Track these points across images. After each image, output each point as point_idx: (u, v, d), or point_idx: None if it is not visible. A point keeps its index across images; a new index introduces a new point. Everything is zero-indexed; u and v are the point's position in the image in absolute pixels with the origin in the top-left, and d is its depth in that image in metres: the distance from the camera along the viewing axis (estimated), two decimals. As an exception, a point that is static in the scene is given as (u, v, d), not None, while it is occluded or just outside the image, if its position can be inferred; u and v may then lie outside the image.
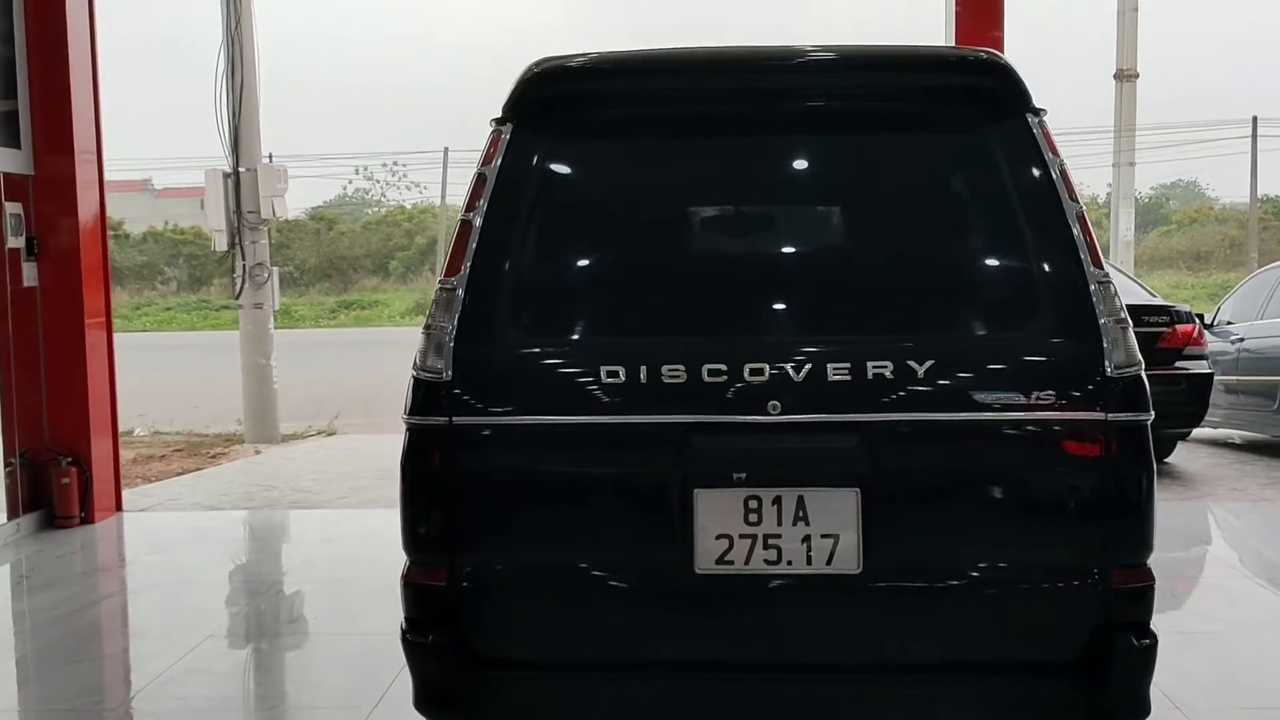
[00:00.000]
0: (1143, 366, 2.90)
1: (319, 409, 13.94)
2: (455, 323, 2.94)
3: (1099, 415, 2.83)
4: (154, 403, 14.91)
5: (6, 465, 7.28)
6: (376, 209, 58.09)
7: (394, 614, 5.30)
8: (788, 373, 2.83)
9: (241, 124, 12.23)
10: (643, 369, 2.85)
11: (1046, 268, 2.90)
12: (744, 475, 2.84)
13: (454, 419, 2.91)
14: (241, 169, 12.25)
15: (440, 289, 2.99)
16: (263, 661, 5.13)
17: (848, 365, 2.82)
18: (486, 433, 2.93)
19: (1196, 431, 10.80)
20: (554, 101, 3.11)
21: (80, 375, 7.54)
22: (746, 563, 2.84)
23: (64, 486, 7.41)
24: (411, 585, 2.99)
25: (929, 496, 2.90)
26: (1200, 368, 9.44)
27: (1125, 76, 30.79)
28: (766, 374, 2.83)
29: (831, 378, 2.82)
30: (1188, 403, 9.27)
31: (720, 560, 2.84)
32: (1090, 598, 2.85)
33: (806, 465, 2.85)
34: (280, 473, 9.99)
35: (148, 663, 4.92)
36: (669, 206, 3.16)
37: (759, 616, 2.91)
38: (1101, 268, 2.90)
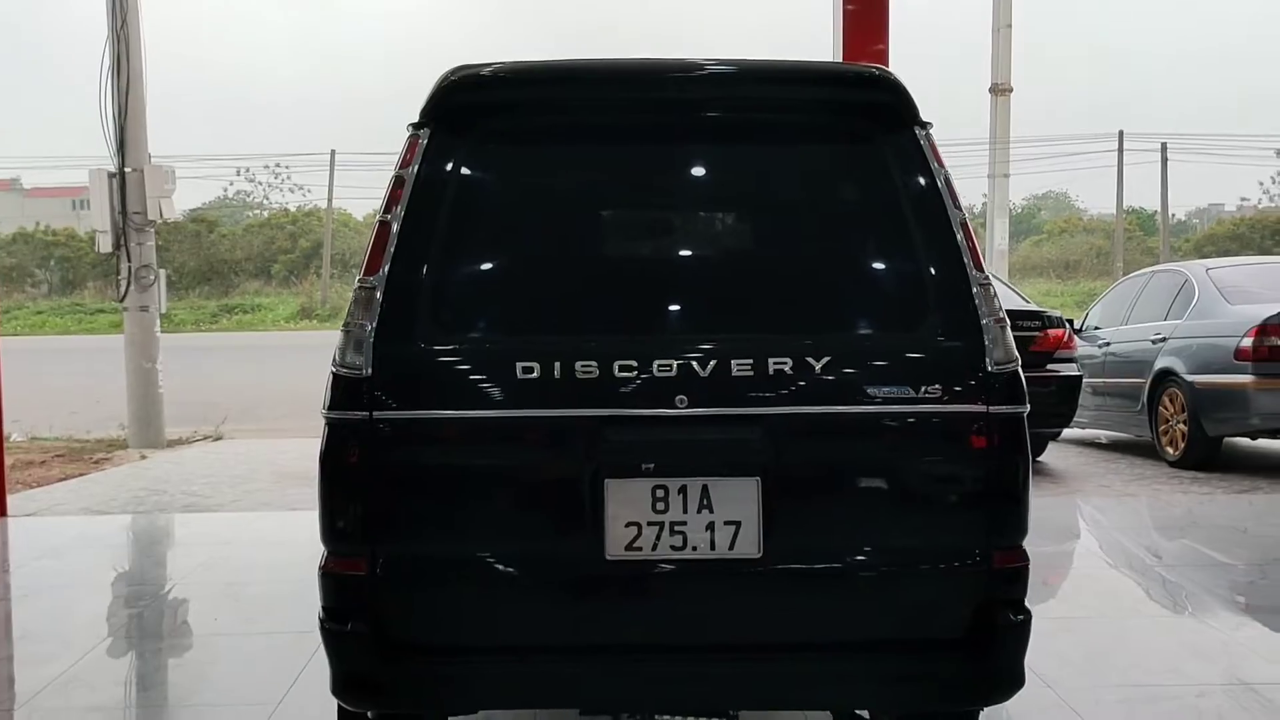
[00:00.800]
0: (1020, 363, 3.13)
1: (205, 414, 13.73)
2: (374, 321, 3.04)
3: (980, 408, 3.04)
4: (29, 408, 14.47)
5: (-115, 470, 7.09)
6: (258, 211, 57.07)
7: (293, 615, 5.41)
8: (694, 368, 2.98)
9: (127, 123, 12.02)
10: (556, 365, 2.98)
11: (933, 271, 3.11)
12: (652, 466, 2.98)
13: (374, 413, 3.01)
14: (127, 169, 12.03)
15: (359, 288, 3.09)
16: (163, 662, 5.11)
17: (750, 361, 2.99)
18: (406, 427, 3.03)
19: (1067, 432, 11.31)
20: (470, 108, 3.23)
21: (-37, 378, 7.39)
22: (654, 549, 2.98)
23: (-54, 491, 7.26)
24: (330, 575, 3.08)
25: (824, 485, 3.08)
26: (1070, 370, 9.89)
27: (1000, 91, 31.79)
28: (674, 369, 2.98)
29: (735, 373, 2.98)
30: (1058, 404, 9.71)
31: (629, 547, 2.98)
32: (973, 578, 3.05)
33: (711, 456, 3.00)
34: (169, 477, 9.85)
35: (43, 666, 4.86)
36: (582, 210, 3.30)
37: (666, 600, 3.05)
38: (983, 271, 3.13)
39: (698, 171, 3.38)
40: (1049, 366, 9.66)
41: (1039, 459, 10.47)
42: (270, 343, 31.60)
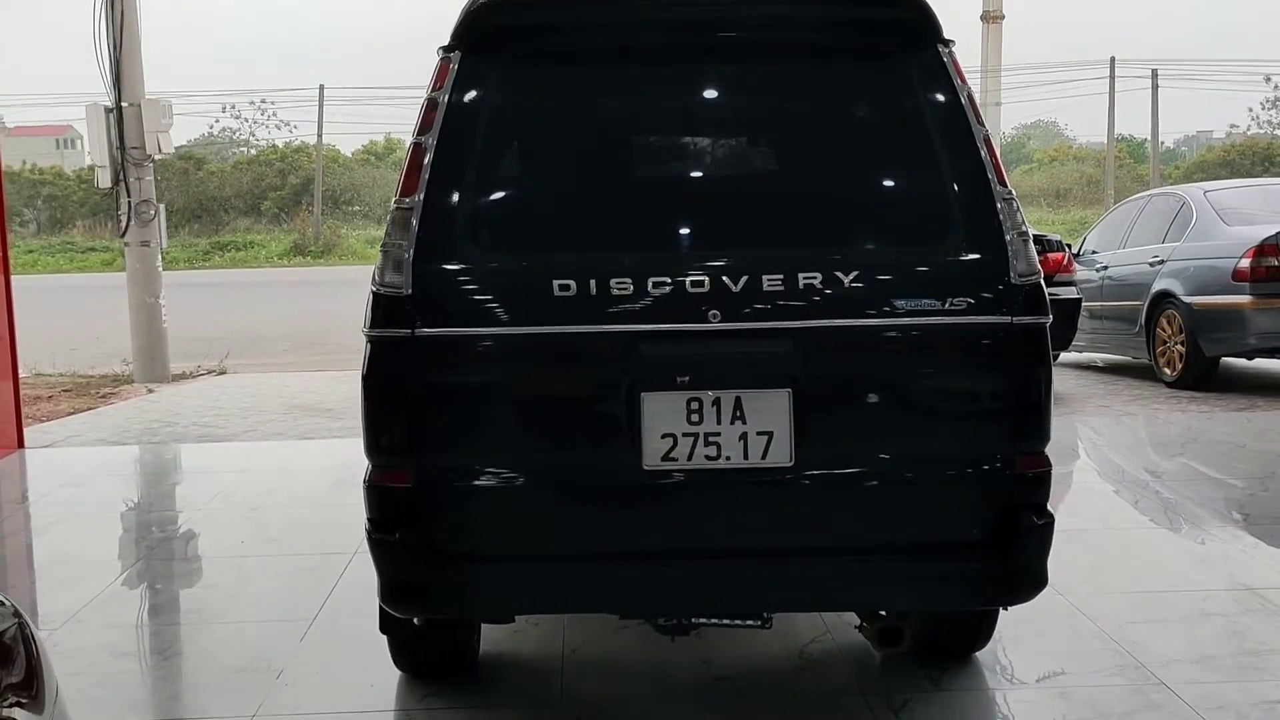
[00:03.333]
0: (1041, 275, 3.24)
1: (205, 349, 13.77)
2: (412, 241, 3.11)
3: (1004, 319, 3.15)
4: (30, 345, 14.45)
5: (-97, 403, 7.17)
6: (245, 149, 56.57)
7: (317, 537, 5.55)
8: (726, 284, 3.07)
9: (123, 57, 11.92)
10: (592, 282, 3.06)
11: (957, 186, 3.19)
12: (687, 379, 3.08)
13: (416, 330, 3.10)
14: (124, 104, 11.95)
15: (395, 209, 3.16)
16: (196, 583, 5.23)
17: (780, 276, 3.07)
18: (447, 343, 3.12)
19: (1065, 356, 11.43)
20: (499, 30, 3.28)
21: (-24, 312, 7.43)
22: (690, 459, 3.08)
23: (-36, 423, 7.34)
24: (376, 488, 3.17)
25: (854, 395, 3.18)
26: (1069, 293, 9.96)
27: (991, 18, 31.56)
28: (707, 285, 3.06)
29: (766, 288, 3.07)
30: (1058, 326, 9.72)
31: (666, 457, 3.08)
32: (997, 482, 3.17)
33: (743, 369, 3.10)
34: (180, 410, 9.94)
35: (78, 588, 4.99)
36: (612, 131, 3.36)
37: (702, 507, 3.16)
38: (1006, 186, 3.21)
39: (728, 92, 3.43)
40: (1048, 290, 9.71)
41: (1037, 382, 10.56)
42: (265, 279, 31.58)
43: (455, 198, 3.16)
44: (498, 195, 3.28)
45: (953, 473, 3.18)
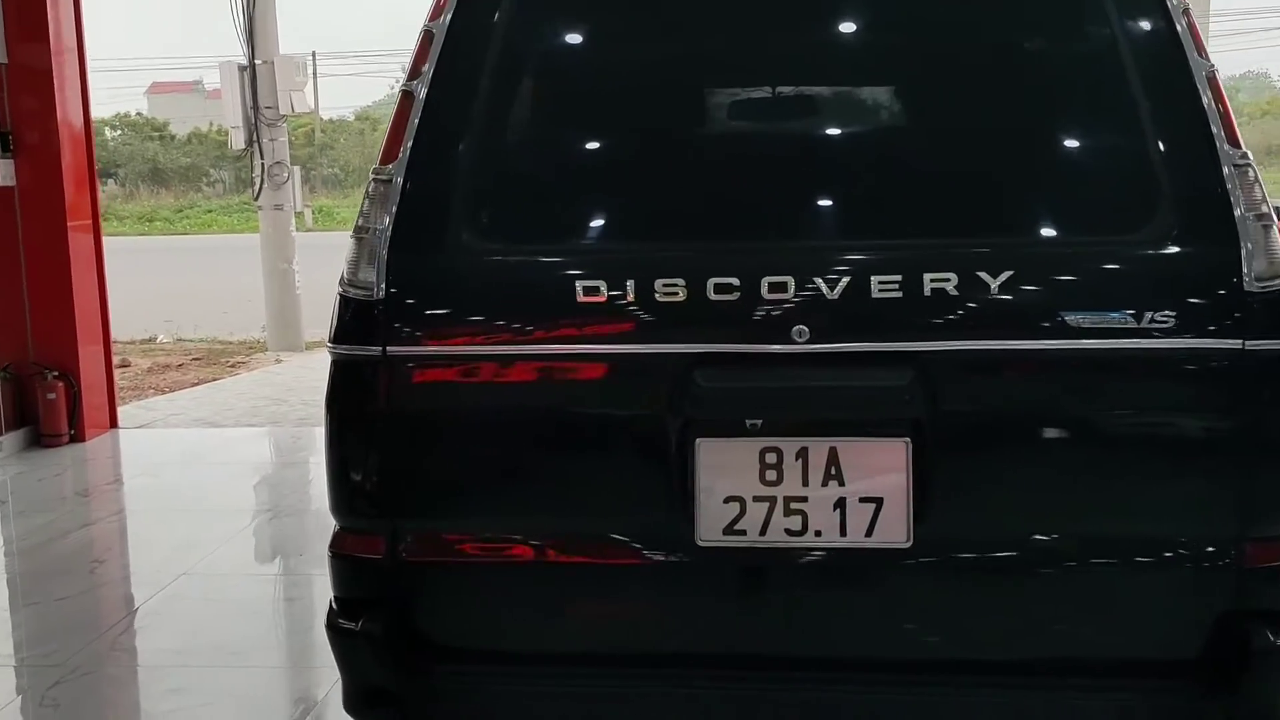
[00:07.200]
0: (1292, 278, 2.22)
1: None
2: (391, 224, 2.30)
3: (1234, 343, 2.18)
4: (184, 308, 14.50)
5: (-11, 380, 6.82)
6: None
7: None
8: (819, 289, 2.19)
9: (256, 14, 11.51)
10: (630, 284, 2.23)
11: (1165, 147, 2.22)
12: (760, 422, 2.24)
13: (389, 348, 2.29)
14: (257, 61, 11.55)
15: (374, 180, 2.36)
16: (225, 614, 4.48)
17: (898, 279, 2.19)
18: (431, 365, 2.32)
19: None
20: None
21: (65, 283, 6.98)
22: (763, 533, 2.25)
23: (50, 402, 6.91)
24: (341, 557, 2.41)
25: (1003, 449, 2.27)
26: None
27: (1200, -41, 29.32)
28: (791, 291, 2.20)
29: (876, 295, 2.19)
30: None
31: (730, 530, 2.25)
32: (1217, 579, 2.23)
33: (842, 408, 2.24)
34: (295, 385, 9.44)
35: (118, 601, 4.54)
36: (667, 74, 2.47)
37: (778, 600, 2.33)
38: (1240, 147, 2.20)
39: (828, 15, 2.48)
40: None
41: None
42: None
43: (452, 166, 2.35)
44: (509, 163, 2.46)
45: (1146, 563, 2.24)
